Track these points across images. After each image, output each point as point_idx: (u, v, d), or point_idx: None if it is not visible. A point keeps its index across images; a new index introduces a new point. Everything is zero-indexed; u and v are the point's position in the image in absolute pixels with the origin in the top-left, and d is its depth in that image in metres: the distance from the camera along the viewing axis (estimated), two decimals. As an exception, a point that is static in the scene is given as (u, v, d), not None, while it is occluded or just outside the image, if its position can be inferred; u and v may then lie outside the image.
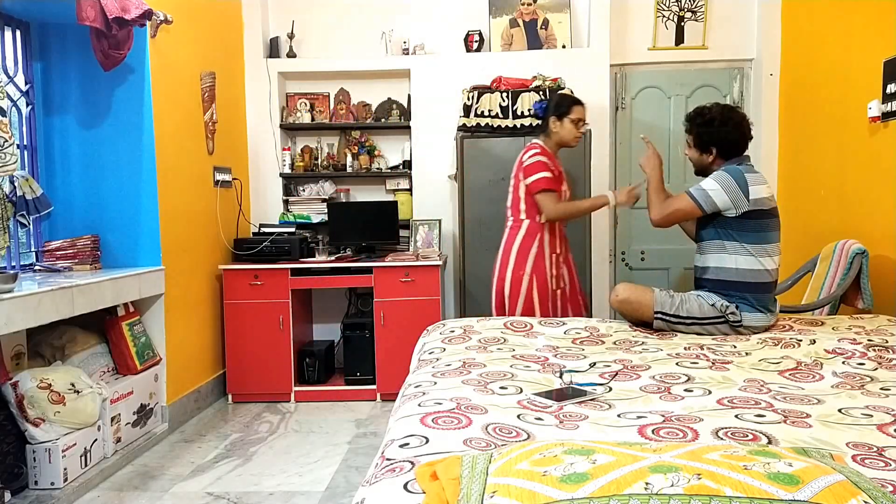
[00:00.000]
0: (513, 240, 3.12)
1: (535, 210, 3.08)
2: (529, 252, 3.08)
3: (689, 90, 4.46)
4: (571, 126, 3.11)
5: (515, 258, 3.09)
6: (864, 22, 3.30)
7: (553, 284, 3.12)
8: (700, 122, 2.58)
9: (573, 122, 3.11)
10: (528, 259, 3.08)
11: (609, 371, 1.95)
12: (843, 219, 3.49)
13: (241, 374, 4.01)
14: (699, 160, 2.63)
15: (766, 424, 1.47)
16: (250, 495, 2.71)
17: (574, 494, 0.91)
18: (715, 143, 2.55)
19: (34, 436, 2.59)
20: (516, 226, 3.13)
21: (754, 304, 2.47)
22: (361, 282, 4.03)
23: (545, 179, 3.03)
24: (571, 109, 3.12)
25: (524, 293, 3.09)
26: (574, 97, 3.21)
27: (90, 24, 2.85)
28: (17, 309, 2.38)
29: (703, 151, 2.59)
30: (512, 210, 3.16)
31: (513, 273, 3.09)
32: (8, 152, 2.72)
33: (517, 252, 3.09)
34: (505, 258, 3.13)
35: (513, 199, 3.15)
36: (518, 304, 3.07)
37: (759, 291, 2.48)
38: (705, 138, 2.56)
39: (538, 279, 3.09)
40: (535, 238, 3.09)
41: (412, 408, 1.57)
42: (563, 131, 3.11)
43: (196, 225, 3.81)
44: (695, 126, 2.60)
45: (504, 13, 4.41)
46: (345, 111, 4.53)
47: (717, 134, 2.54)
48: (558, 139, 3.14)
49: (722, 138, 2.53)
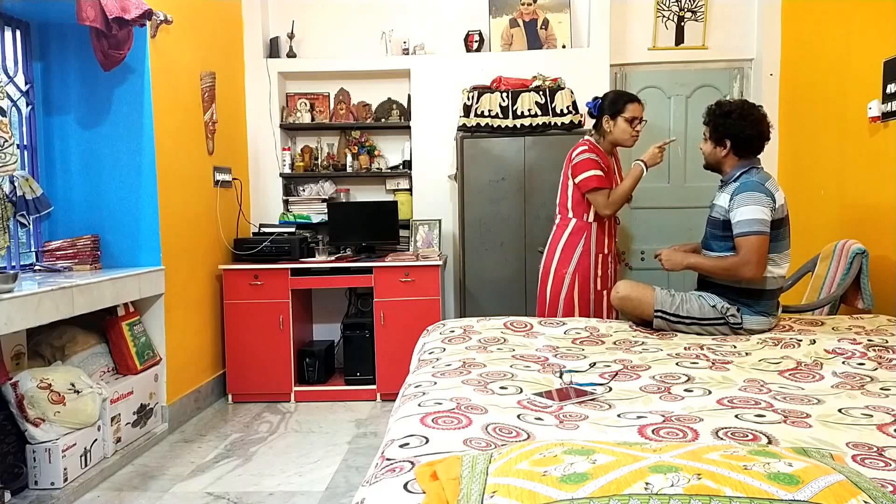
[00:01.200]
0: (559, 238, 3.08)
1: (583, 208, 3.02)
2: (575, 250, 3.03)
3: (689, 90, 4.46)
4: (626, 125, 2.98)
5: (560, 256, 3.06)
6: (864, 22, 3.30)
7: (598, 284, 3.05)
8: (719, 113, 2.52)
9: (627, 121, 2.98)
10: (572, 257, 3.03)
11: (609, 371, 1.95)
12: (843, 219, 3.49)
13: (241, 374, 4.01)
14: (712, 153, 2.56)
15: (766, 424, 1.47)
16: (250, 495, 2.71)
17: (574, 494, 0.91)
18: (730, 136, 2.48)
19: (34, 436, 2.59)
20: (563, 223, 3.09)
21: (757, 309, 2.46)
22: (361, 282, 4.03)
23: (596, 178, 2.94)
24: (626, 108, 2.98)
25: (565, 291, 3.04)
26: (631, 94, 3.07)
27: (90, 24, 2.85)
28: (17, 309, 2.38)
29: (718, 144, 2.52)
30: (560, 208, 3.11)
31: (556, 271, 3.06)
32: (8, 152, 2.72)
33: (562, 250, 3.05)
34: (550, 256, 3.10)
35: (560, 197, 3.10)
36: (559, 303, 3.05)
37: (765, 297, 2.47)
38: (721, 129, 2.49)
39: (580, 278, 3.03)
40: (581, 236, 3.03)
41: (412, 408, 1.57)
42: (617, 130, 2.99)
43: (196, 225, 3.81)
44: (713, 117, 2.53)
45: (504, 13, 4.41)
46: (345, 111, 4.53)
47: (734, 127, 2.46)
48: (612, 139, 3.03)
49: (738, 132, 2.46)
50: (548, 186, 3.81)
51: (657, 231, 4.51)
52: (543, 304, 3.11)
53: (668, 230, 4.49)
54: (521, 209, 3.84)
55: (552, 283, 3.07)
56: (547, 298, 3.09)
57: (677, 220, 4.47)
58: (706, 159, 2.62)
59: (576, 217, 3.05)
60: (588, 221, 3.04)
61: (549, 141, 3.83)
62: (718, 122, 2.51)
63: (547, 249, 3.13)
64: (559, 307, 3.04)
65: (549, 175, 3.81)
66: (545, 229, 3.82)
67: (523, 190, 3.84)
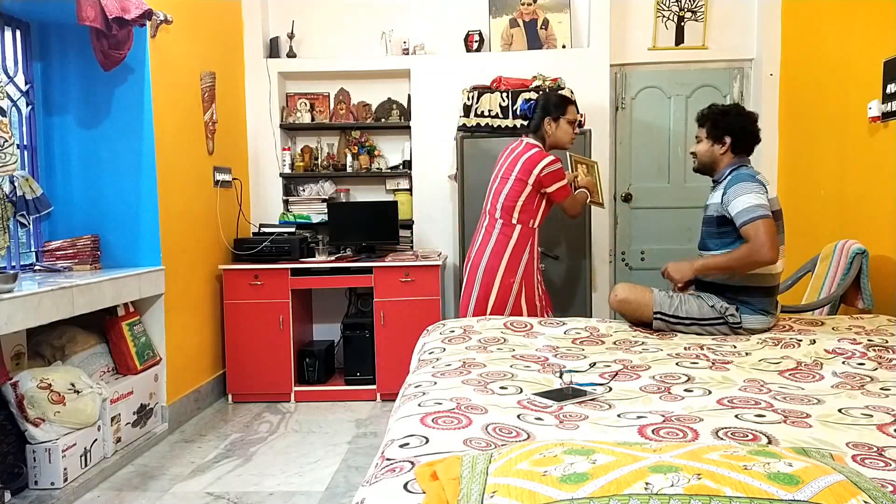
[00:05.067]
0: (505, 245, 2.98)
1: (531, 215, 2.99)
2: (521, 258, 2.98)
3: (689, 90, 4.46)
4: (568, 126, 3.00)
5: (507, 265, 2.97)
6: (864, 22, 3.30)
7: (540, 290, 3.08)
8: (717, 111, 2.57)
9: (570, 123, 3.00)
10: (519, 266, 2.98)
11: (609, 371, 1.95)
12: (843, 219, 3.49)
13: (241, 374, 4.01)
14: (709, 152, 2.58)
15: (766, 424, 1.47)
16: (250, 495, 2.71)
17: (574, 494, 0.91)
18: (731, 133, 2.51)
19: (34, 436, 2.59)
20: (507, 230, 2.99)
21: (756, 307, 2.47)
22: (361, 282, 4.03)
23: (568, 186, 2.99)
24: (568, 110, 3.00)
25: (512, 302, 2.98)
26: (568, 97, 3.06)
27: (90, 24, 2.85)
28: (17, 309, 2.38)
29: (717, 141, 2.54)
30: (502, 212, 2.99)
31: (502, 280, 2.96)
32: (8, 152, 2.72)
33: (509, 258, 2.97)
34: (494, 263, 2.98)
35: (506, 201, 2.99)
36: (506, 312, 2.96)
37: (763, 295, 2.48)
38: (721, 126, 2.53)
39: (527, 286, 3.00)
40: (527, 243, 2.99)
41: (412, 408, 1.57)
42: (560, 132, 3.00)
43: (196, 225, 3.81)
44: (711, 116, 2.57)
45: (504, 13, 4.41)
46: (345, 111, 4.53)
47: (735, 123, 2.52)
48: (553, 141, 3.02)
49: (739, 128, 2.51)
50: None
51: (657, 231, 4.52)
52: (482, 312, 2.98)
53: (668, 230, 4.49)
54: (521, 209, 3.84)
55: (498, 293, 2.97)
56: (488, 308, 2.98)
57: (677, 220, 4.47)
58: (700, 159, 2.63)
59: (521, 223, 2.99)
60: (532, 227, 3.01)
61: (549, 141, 3.83)
62: (718, 119, 2.54)
63: (489, 255, 3.00)
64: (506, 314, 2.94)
65: (549, 175, 3.81)
66: (545, 229, 3.80)
67: (523, 190, 3.84)
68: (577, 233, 3.78)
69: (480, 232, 3.09)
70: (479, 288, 3.01)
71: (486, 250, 3.02)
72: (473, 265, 3.05)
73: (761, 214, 2.34)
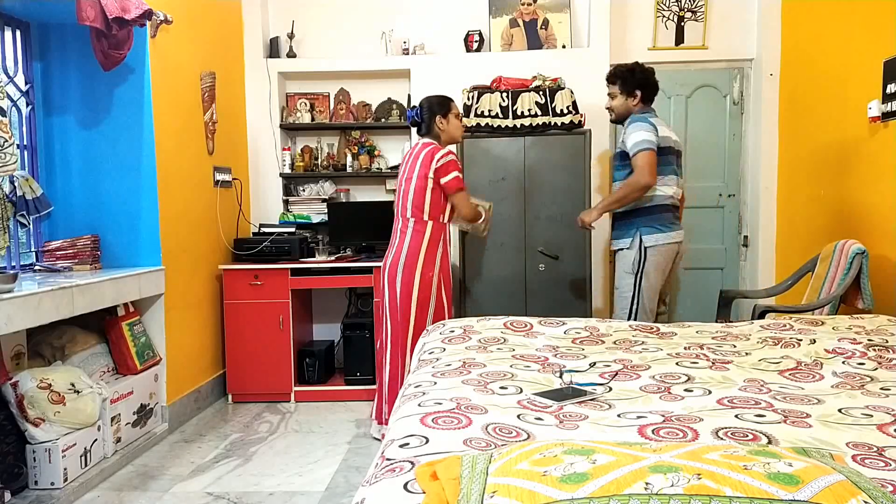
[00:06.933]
0: (420, 240, 3.15)
1: (440, 209, 3.16)
2: (436, 253, 3.17)
3: (689, 90, 4.46)
4: (457, 121, 3.25)
5: (424, 260, 3.13)
6: (864, 22, 3.30)
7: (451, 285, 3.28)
8: (625, 70, 3.18)
9: (457, 118, 3.25)
10: (435, 260, 3.16)
11: (609, 371, 1.95)
12: (843, 219, 3.49)
13: (241, 374, 4.01)
14: (623, 105, 3.17)
15: (766, 424, 1.47)
16: (250, 495, 2.71)
17: (574, 494, 0.91)
18: (640, 87, 3.13)
19: (34, 436, 2.59)
20: (420, 226, 3.16)
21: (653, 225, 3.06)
22: (361, 282, 4.03)
23: (460, 178, 3.15)
24: (451, 105, 3.25)
25: (434, 294, 3.17)
26: (444, 95, 3.33)
27: (90, 24, 2.85)
28: (17, 309, 2.38)
29: (630, 95, 3.15)
30: (413, 210, 3.16)
31: (422, 275, 3.13)
32: (8, 152, 2.72)
33: (425, 253, 3.14)
34: (412, 260, 3.14)
35: (415, 199, 3.16)
36: (430, 306, 3.14)
37: (657, 212, 3.08)
38: (631, 82, 3.14)
39: (444, 279, 3.20)
40: (440, 238, 3.19)
41: (412, 408, 1.57)
42: (451, 127, 3.24)
43: (196, 225, 3.81)
44: (620, 74, 3.17)
45: (504, 13, 4.41)
46: (345, 111, 4.53)
47: (642, 78, 3.14)
48: (448, 137, 3.25)
49: (646, 82, 3.15)
50: (548, 187, 3.82)
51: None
52: (408, 309, 3.12)
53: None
54: (522, 209, 3.84)
55: (420, 288, 3.13)
56: (413, 303, 3.12)
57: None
58: (617, 112, 3.21)
59: (432, 219, 3.16)
60: (443, 223, 3.20)
61: (549, 141, 3.83)
62: (627, 77, 3.16)
63: (406, 252, 3.15)
64: (430, 310, 3.14)
65: (549, 175, 3.82)
66: (545, 229, 3.83)
67: (523, 190, 3.84)
68: (576, 233, 3.77)
69: (396, 236, 3.25)
70: (400, 286, 3.16)
71: (402, 250, 3.18)
72: (392, 266, 3.20)
73: (644, 147, 2.94)
